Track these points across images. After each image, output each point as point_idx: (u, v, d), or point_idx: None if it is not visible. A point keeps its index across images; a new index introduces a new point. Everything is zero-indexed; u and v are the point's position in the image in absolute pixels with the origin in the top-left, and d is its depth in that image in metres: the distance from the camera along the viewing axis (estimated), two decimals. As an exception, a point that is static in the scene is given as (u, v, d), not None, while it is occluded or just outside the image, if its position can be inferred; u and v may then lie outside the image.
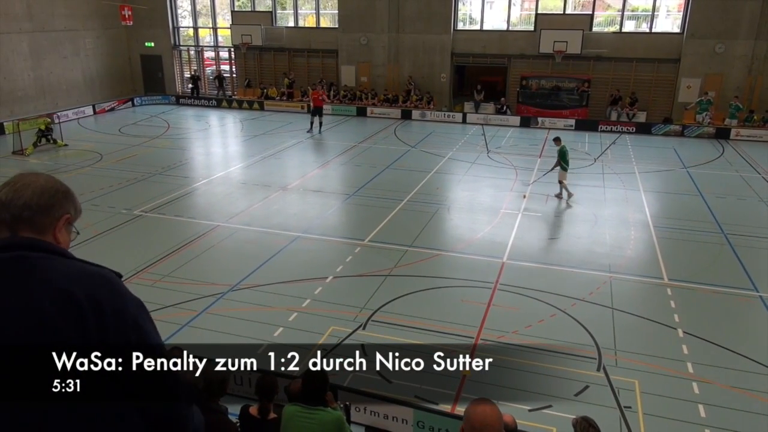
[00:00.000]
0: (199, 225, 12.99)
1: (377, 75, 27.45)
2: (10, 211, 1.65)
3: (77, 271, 1.64)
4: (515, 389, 7.38)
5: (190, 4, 30.37)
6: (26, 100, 24.47)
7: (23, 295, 1.54)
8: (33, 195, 1.68)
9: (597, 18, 25.14)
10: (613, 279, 10.48)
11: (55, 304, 1.54)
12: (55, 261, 1.64)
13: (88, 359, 1.55)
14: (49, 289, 1.55)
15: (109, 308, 1.62)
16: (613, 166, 18.46)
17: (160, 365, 1.64)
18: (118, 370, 1.57)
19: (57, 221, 1.73)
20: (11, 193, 1.67)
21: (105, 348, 1.56)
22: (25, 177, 1.72)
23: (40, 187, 1.70)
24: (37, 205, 1.68)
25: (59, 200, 1.74)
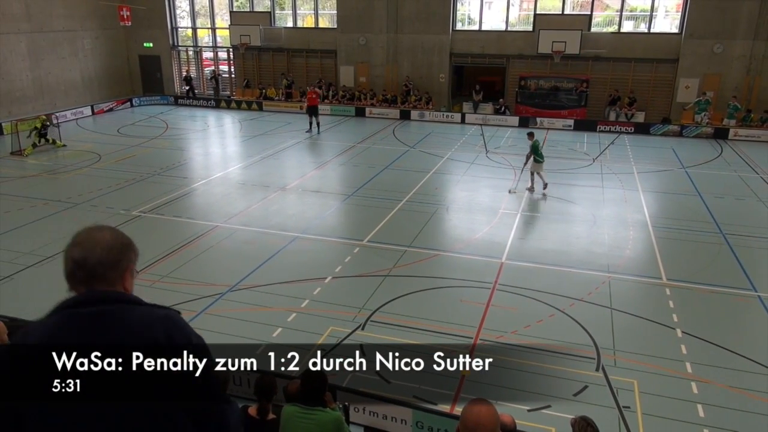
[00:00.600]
0: (197, 225, 12.98)
1: (376, 75, 27.45)
2: (85, 270, 1.87)
3: (153, 317, 1.92)
4: (514, 389, 7.37)
5: (188, 4, 30.36)
6: (24, 101, 24.45)
7: (113, 343, 1.80)
8: (102, 252, 1.89)
9: (595, 18, 25.16)
10: (611, 279, 10.49)
11: (144, 348, 1.81)
12: (131, 310, 1.90)
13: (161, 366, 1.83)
14: (135, 337, 1.82)
15: (180, 344, 1.90)
16: (612, 166, 18.47)
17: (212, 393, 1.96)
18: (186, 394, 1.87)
19: (125, 272, 1.97)
20: (83, 252, 1.89)
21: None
22: (92, 234, 1.92)
23: (108, 245, 1.92)
24: (107, 261, 1.90)
25: (125, 253, 1.98)
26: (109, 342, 1.80)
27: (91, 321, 1.82)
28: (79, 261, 1.88)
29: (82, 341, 1.79)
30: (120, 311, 1.86)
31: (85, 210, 13.83)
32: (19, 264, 10.85)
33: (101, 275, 1.88)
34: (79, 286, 1.89)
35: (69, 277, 1.92)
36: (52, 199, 14.62)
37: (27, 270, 10.65)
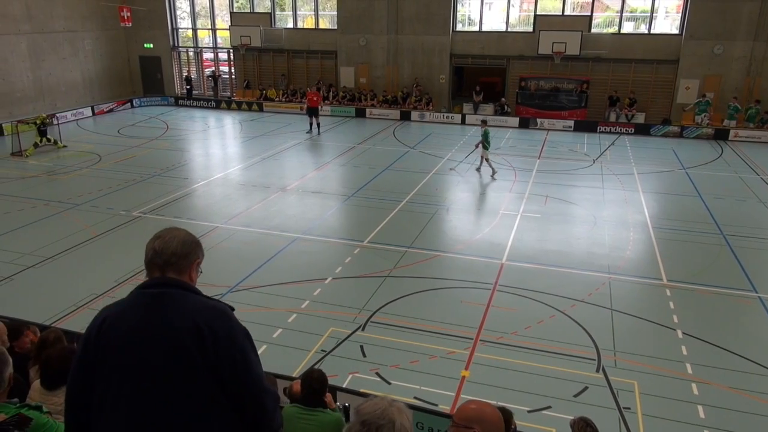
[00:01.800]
0: (198, 226, 12.98)
1: (376, 76, 27.46)
2: (162, 257, 2.29)
3: (202, 305, 2.25)
4: (514, 390, 7.38)
5: (189, 5, 30.38)
6: (25, 102, 24.46)
7: (166, 320, 2.18)
8: (177, 245, 2.31)
9: (596, 19, 25.17)
10: (612, 280, 10.48)
11: (186, 330, 2.14)
12: (188, 297, 2.26)
13: (203, 369, 2.14)
14: (182, 318, 2.17)
15: (223, 334, 2.19)
16: (612, 167, 18.47)
17: (257, 386, 2.27)
18: (225, 385, 2.18)
19: (192, 264, 2.36)
20: (162, 244, 2.31)
21: (217, 365, 2.15)
22: (171, 231, 2.37)
23: (182, 239, 2.34)
24: (180, 253, 2.31)
25: (194, 249, 2.37)
26: (162, 318, 2.17)
27: (153, 299, 2.23)
28: (158, 250, 2.29)
29: (143, 314, 2.20)
30: (178, 295, 2.24)
31: (86, 211, 13.83)
32: (20, 265, 10.85)
33: (174, 263, 2.29)
34: (155, 270, 2.31)
35: (148, 264, 2.33)
36: (52, 199, 14.62)
37: (27, 271, 10.65)
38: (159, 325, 2.16)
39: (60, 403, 3.92)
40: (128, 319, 2.21)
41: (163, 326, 2.16)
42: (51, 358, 4.02)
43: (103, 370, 2.17)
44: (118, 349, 2.17)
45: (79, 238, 12.19)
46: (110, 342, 2.18)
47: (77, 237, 12.22)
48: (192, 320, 2.15)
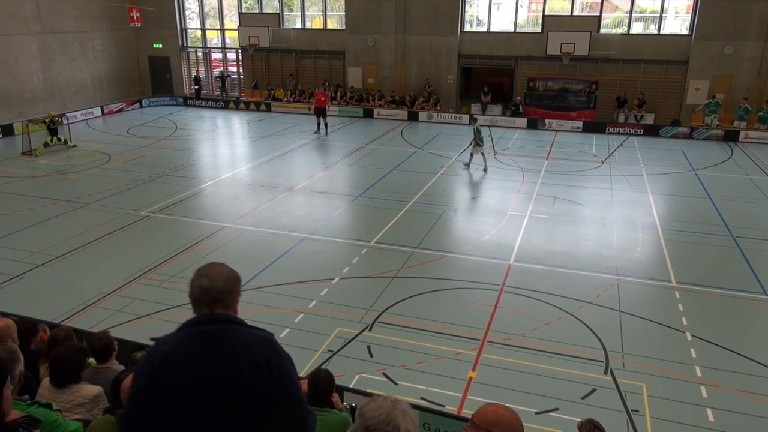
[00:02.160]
0: (206, 226, 13.03)
1: (384, 76, 27.47)
2: (209, 296, 2.43)
3: (253, 337, 2.46)
4: (521, 392, 7.36)
5: (197, 5, 30.50)
6: (35, 102, 24.63)
7: (225, 356, 2.36)
8: (223, 283, 2.45)
9: (605, 20, 25.06)
10: (620, 282, 10.43)
11: (245, 362, 2.35)
12: (238, 330, 2.45)
13: (263, 398, 2.39)
14: (239, 352, 2.37)
15: (275, 363, 2.43)
16: (621, 168, 18.38)
17: (301, 406, 2.56)
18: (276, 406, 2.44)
19: (236, 298, 2.52)
20: (209, 282, 2.43)
21: (271, 391, 2.40)
22: (214, 268, 2.50)
23: (226, 277, 2.47)
24: (226, 290, 2.45)
25: (237, 284, 2.52)
26: (221, 353, 2.36)
27: (210, 336, 2.40)
28: (205, 288, 2.43)
29: (202, 351, 2.37)
30: (231, 330, 2.42)
31: (95, 210, 13.91)
32: (30, 263, 10.93)
33: (221, 300, 2.43)
34: (203, 308, 2.45)
35: (196, 301, 2.46)
36: (62, 199, 14.72)
37: (37, 269, 10.72)
38: (219, 360, 2.35)
39: (70, 401, 3.94)
40: (188, 356, 2.37)
41: (223, 361, 2.35)
42: (60, 356, 4.05)
43: (164, 403, 2.36)
44: (180, 385, 2.34)
45: (88, 237, 12.26)
46: (172, 379, 2.35)
47: (86, 236, 12.30)
48: (248, 353, 2.37)
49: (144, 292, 9.82)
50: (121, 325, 8.52)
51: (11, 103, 23.59)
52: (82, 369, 4.16)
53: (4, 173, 17.14)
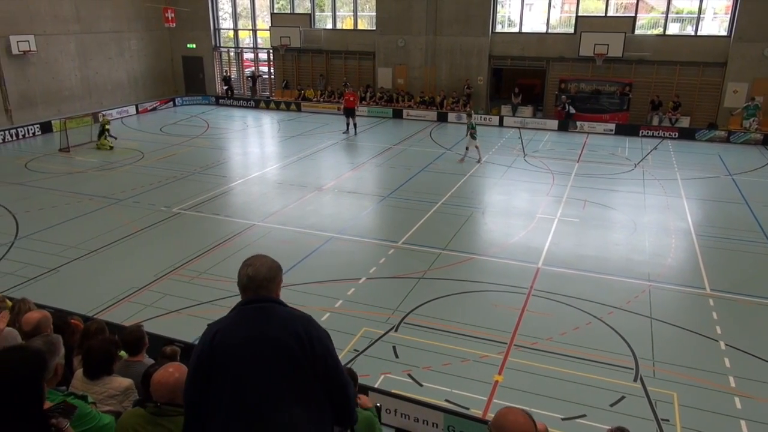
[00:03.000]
0: (235, 224, 13.20)
1: (414, 77, 27.44)
2: (254, 282, 2.76)
3: (294, 315, 2.79)
4: (548, 397, 7.26)
5: (230, 6, 30.91)
6: (73, 100, 25.30)
7: (272, 328, 2.69)
8: (266, 271, 2.80)
9: (640, 20, 24.60)
10: (652, 288, 10.22)
11: (289, 335, 2.67)
12: (280, 308, 2.78)
13: (306, 366, 2.67)
14: (284, 326, 2.70)
15: (315, 338, 2.72)
16: (654, 172, 18.02)
17: (341, 378, 2.84)
18: (318, 377, 2.71)
19: (277, 284, 2.86)
20: (254, 271, 2.77)
21: (313, 362, 2.68)
22: (258, 259, 2.84)
23: (268, 266, 2.82)
24: (269, 277, 2.80)
25: (278, 272, 2.87)
26: (267, 326, 2.69)
27: (256, 313, 2.73)
28: (251, 276, 2.77)
29: (250, 324, 2.70)
30: (273, 308, 2.76)
31: (128, 206, 14.21)
32: (65, 257, 11.22)
33: (264, 286, 2.77)
34: (250, 292, 2.78)
35: (244, 287, 2.79)
36: (97, 194, 15.07)
37: (72, 263, 11.00)
38: (267, 332, 2.67)
39: (102, 392, 4.03)
40: (240, 329, 2.70)
41: (271, 333, 2.67)
42: (93, 349, 4.14)
43: (219, 374, 2.65)
44: (233, 355, 2.65)
45: (121, 232, 12.53)
46: (226, 350, 2.66)
47: (120, 231, 12.57)
48: (292, 327, 2.68)
49: (174, 288, 9.99)
50: (151, 320, 8.69)
51: (50, 100, 24.26)
52: (114, 361, 4.25)
53: (42, 169, 17.64)
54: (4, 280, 10.15)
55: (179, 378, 3.30)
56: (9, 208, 13.99)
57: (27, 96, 23.37)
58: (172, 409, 3.25)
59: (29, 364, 2.40)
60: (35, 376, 2.41)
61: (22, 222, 13.09)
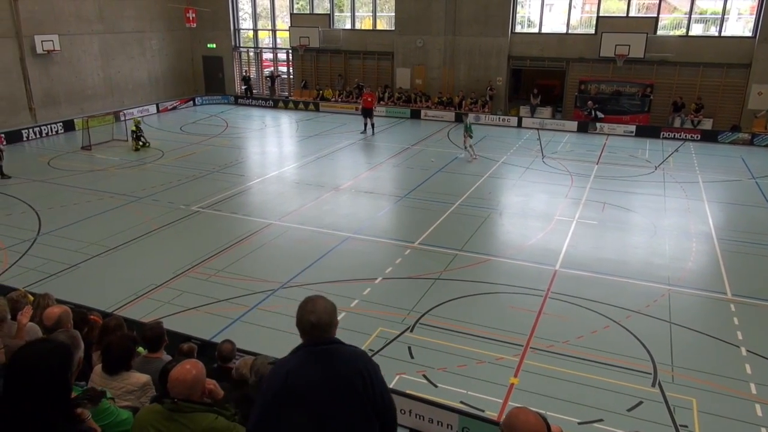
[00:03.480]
0: (253, 222, 13.29)
1: (432, 77, 27.38)
2: (318, 329, 2.95)
3: (356, 354, 3.06)
4: (565, 400, 7.20)
5: (250, 6, 31.12)
6: (95, 99, 25.66)
7: (338, 369, 2.92)
8: (327, 317, 2.99)
9: (662, 21, 24.27)
10: (672, 292, 10.08)
11: (353, 374, 2.91)
12: (342, 348, 3.01)
13: (367, 401, 2.93)
14: (348, 366, 2.94)
15: (373, 373, 2.99)
16: (675, 174, 17.77)
17: (392, 409, 3.13)
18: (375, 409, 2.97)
19: (336, 326, 3.05)
20: (317, 318, 2.95)
21: (373, 397, 2.95)
22: (319, 305, 3.01)
23: (329, 312, 3.01)
24: (330, 322, 3.00)
25: (335, 315, 3.05)
26: (334, 367, 2.91)
27: (322, 354, 2.95)
28: (315, 324, 2.95)
29: (318, 366, 2.91)
30: (338, 349, 2.99)
31: (148, 204, 14.38)
32: (86, 253, 11.39)
33: (326, 330, 2.98)
34: (315, 336, 2.97)
35: (307, 331, 2.98)
36: (117, 192, 15.27)
37: (93, 259, 11.16)
38: (339, 371, 2.91)
39: (120, 388, 4.08)
40: (314, 370, 2.91)
41: (342, 372, 2.92)
42: (112, 345, 4.19)
43: (297, 412, 2.86)
44: (312, 393, 2.87)
45: (140, 230, 12.69)
46: (298, 389, 2.86)
47: (139, 229, 12.72)
48: (354, 365, 2.95)
49: (192, 285, 10.09)
50: (169, 317, 8.78)
51: (73, 99, 24.64)
52: (132, 357, 4.30)
53: (65, 167, 17.92)
54: (26, 275, 10.33)
55: (196, 375, 3.33)
56: (32, 204, 14.24)
57: (50, 95, 23.76)
58: (189, 405, 3.28)
59: (58, 356, 2.46)
60: (63, 368, 2.47)
61: (44, 218, 13.31)
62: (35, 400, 2.34)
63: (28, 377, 2.34)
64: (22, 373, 2.34)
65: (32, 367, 2.36)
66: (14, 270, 10.64)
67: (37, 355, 2.40)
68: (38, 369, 2.36)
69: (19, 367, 2.36)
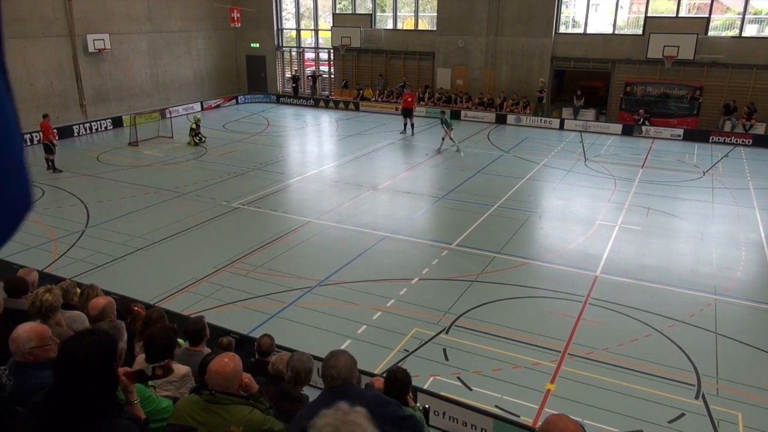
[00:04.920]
0: (291, 220, 13.44)
1: (473, 78, 27.17)
2: (338, 380, 3.24)
3: (376, 398, 3.42)
4: (603, 409, 7.04)
5: (294, 6, 31.49)
6: (142, 96, 26.40)
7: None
8: (346, 371, 3.27)
9: (714, 21, 23.47)
10: (718, 302, 9.74)
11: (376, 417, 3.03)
12: (365, 393, 3.50)
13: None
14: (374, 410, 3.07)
15: (393, 413, 3.27)
16: (725, 180, 17.17)
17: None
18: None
19: (355, 378, 3.36)
20: (337, 372, 3.24)
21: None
22: (339, 359, 3.29)
23: (349, 367, 3.29)
24: (350, 375, 3.29)
25: (355, 370, 3.35)
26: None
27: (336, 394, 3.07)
28: (335, 376, 3.24)
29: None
30: (360, 395, 3.28)
31: (191, 200, 14.71)
32: (131, 246, 11.73)
33: (349, 381, 3.27)
34: (333, 386, 3.25)
35: (329, 382, 3.27)
36: (161, 187, 15.68)
37: (137, 252, 11.48)
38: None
39: (161, 378, 4.18)
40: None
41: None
42: (155, 336, 4.30)
43: None
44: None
45: (183, 225, 12.99)
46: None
47: (182, 224, 13.02)
48: (377, 411, 3.13)
49: (231, 280, 10.27)
50: (208, 310, 8.96)
51: (121, 96, 25.41)
52: (174, 348, 4.40)
53: (112, 162, 18.49)
54: (74, 266, 10.70)
55: (234, 368, 3.39)
56: (81, 198, 14.74)
57: (100, 92, 24.55)
58: (226, 397, 3.34)
59: (104, 347, 2.56)
60: (109, 358, 2.57)
61: (92, 212, 13.77)
62: (83, 390, 2.44)
63: (76, 368, 2.44)
64: (71, 363, 2.45)
65: (80, 359, 2.46)
66: (63, 260, 11.04)
67: (84, 347, 2.50)
68: (86, 360, 2.46)
69: (67, 358, 2.47)
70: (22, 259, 10.08)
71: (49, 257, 11.14)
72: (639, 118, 23.66)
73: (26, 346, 3.34)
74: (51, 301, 4.37)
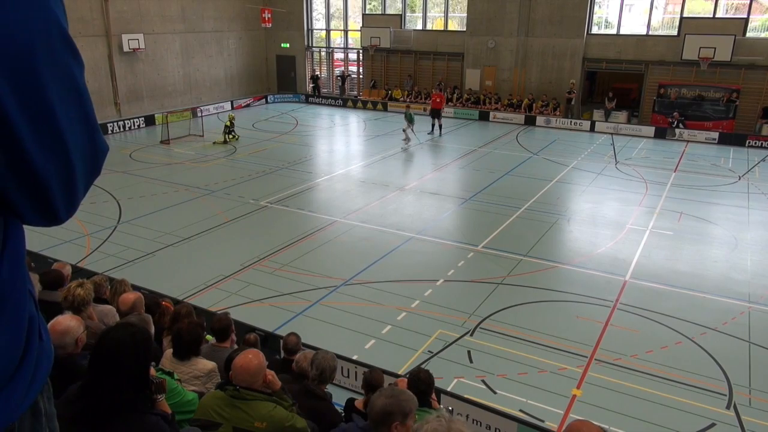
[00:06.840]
0: (318, 219, 13.52)
1: (502, 79, 26.95)
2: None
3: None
4: (630, 416, 6.92)
5: (324, 7, 31.69)
6: (174, 95, 26.87)
7: None
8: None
9: (752, 22, 22.85)
10: (752, 310, 9.48)
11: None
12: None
13: None
14: None
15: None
16: (761, 185, 16.70)
17: None
18: None
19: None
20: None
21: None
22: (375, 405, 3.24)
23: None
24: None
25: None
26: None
27: None
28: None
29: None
30: None
31: (219, 198, 14.92)
32: (161, 243, 11.94)
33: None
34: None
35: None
36: (192, 185, 15.93)
37: (167, 248, 11.69)
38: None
39: (188, 372, 4.25)
40: None
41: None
42: (183, 331, 4.37)
43: None
44: None
45: (212, 222, 13.18)
46: None
47: (211, 221, 13.22)
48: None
49: (258, 278, 10.38)
50: (234, 307, 9.07)
51: (155, 95, 25.90)
52: (201, 344, 4.47)
53: (145, 159, 18.86)
54: (106, 261, 10.95)
55: (258, 364, 3.43)
56: (114, 194, 15.06)
57: (134, 90, 25.06)
58: (250, 393, 3.38)
59: (141, 340, 2.61)
60: (147, 352, 2.62)
61: (125, 208, 14.06)
62: (119, 382, 2.49)
63: (115, 360, 2.49)
64: (110, 356, 2.49)
65: (119, 351, 2.50)
66: (96, 255, 11.30)
67: (123, 340, 2.54)
68: (126, 351, 2.51)
69: (106, 351, 2.51)
70: (57, 253, 10.35)
71: (83, 252, 11.42)
72: (673, 120, 23.19)
73: (77, 332, 3.46)
74: (83, 295, 4.47)
